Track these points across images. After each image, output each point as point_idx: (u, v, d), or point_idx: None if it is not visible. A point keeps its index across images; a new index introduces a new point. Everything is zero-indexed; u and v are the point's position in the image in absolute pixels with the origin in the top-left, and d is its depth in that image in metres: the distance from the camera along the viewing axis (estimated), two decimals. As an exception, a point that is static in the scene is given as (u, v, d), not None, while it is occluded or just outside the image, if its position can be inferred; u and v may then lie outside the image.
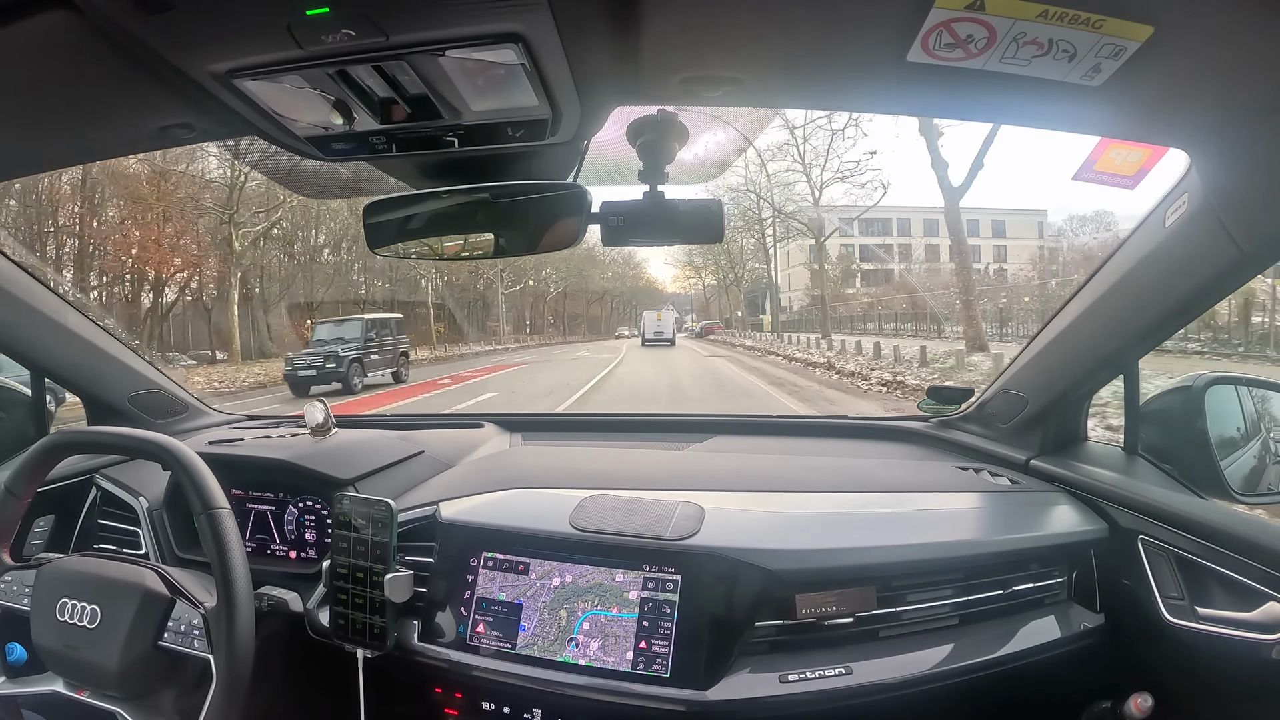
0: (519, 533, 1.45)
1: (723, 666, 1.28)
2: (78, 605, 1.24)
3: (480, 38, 0.83)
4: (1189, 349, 14.34)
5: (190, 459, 1.27)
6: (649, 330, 32.75)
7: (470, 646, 1.38)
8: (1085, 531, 1.47)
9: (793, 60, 0.95)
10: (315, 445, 1.77)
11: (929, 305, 30.98)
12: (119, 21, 0.81)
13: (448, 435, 2.11)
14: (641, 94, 1.06)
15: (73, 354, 1.91)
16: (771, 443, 2.16)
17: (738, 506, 1.52)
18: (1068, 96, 0.93)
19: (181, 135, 1.17)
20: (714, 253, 45.63)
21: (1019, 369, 1.75)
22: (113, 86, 0.99)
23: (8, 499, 1.35)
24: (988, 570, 1.41)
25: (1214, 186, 1.11)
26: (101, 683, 1.24)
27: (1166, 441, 1.53)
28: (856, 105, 1.16)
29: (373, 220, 1.32)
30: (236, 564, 1.20)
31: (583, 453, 2.09)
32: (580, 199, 1.21)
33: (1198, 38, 0.82)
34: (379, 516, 1.37)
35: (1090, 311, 1.47)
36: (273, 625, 1.44)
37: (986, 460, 1.82)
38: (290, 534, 1.70)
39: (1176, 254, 1.25)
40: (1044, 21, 0.79)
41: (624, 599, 1.34)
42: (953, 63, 0.87)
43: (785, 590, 1.32)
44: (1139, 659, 1.43)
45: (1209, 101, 0.95)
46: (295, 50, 0.85)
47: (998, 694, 1.37)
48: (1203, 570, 1.30)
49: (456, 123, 1.04)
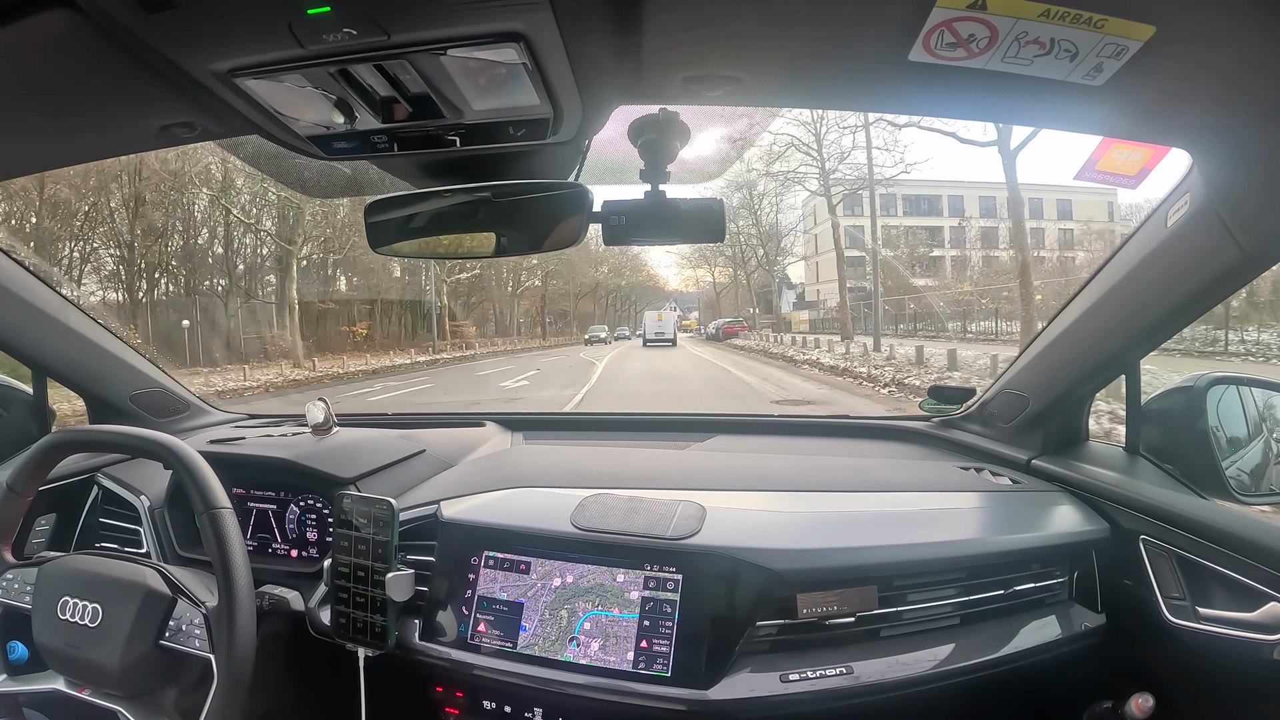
0: (520, 532, 1.45)
1: (724, 666, 1.28)
2: (79, 604, 1.24)
3: (481, 37, 0.83)
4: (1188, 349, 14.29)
5: (192, 459, 1.27)
6: (650, 330, 32.50)
7: (471, 645, 1.39)
8: (1086, 531, 1.47)
9: (795, 59, 0.95)
10: (317, 444, 1.77)
11: (983, 300, 28.84)
12: (120, 20, 0.81)
13: (449, 434, 2.11)
14: (643, 93, 1.06)
15: (74, 353, 1.91)
16: (773, 442, 2.17)
17: (739, 506, 1.52)
18: (1070, 96, 0.93)
19: (183, 134, 1.17)
20: (733, 239, 38.66)
21: (1020, 368, 1.75)
22: (114, 85, 0.99)
23: (9, 497, 1.36)
24: (989, 570, 1.41)
25: (1216, 186, 1.11)
26: (102, 681, 1.25)
27: (1168, 441, 1.53)
28: (858, 105, 1.17)
29: (374, 219, 1.32)
30: (238, 564, 1.21)
31: (584, 452, 2.10)
32: (582, 198, 1.21)
33: (1200, 38, 0.81)
34: (380, 515, 1.37)
35: (1092, 311, 1.47)
36: (274, 624, 1.44)
37: (988, 460, 1.82)
38: (292, 533, 1.70)
39: (1178, 254, 1.25)
40: (1046, 21, 0.79)
41: (625, 599, 1.34)
42: (954, 62, 0.87)
43: (786, 590, 1.32)
44: (1140, 659, 1.43)
45: (1211, 101, 0.95)
46: (296, 49, 0.85)
47: (999, 694, 1.37)
48: (1204, 570, 1.30)
49: (458, 122, 1.04)
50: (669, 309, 38.98)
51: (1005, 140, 16.63)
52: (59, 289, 1.84)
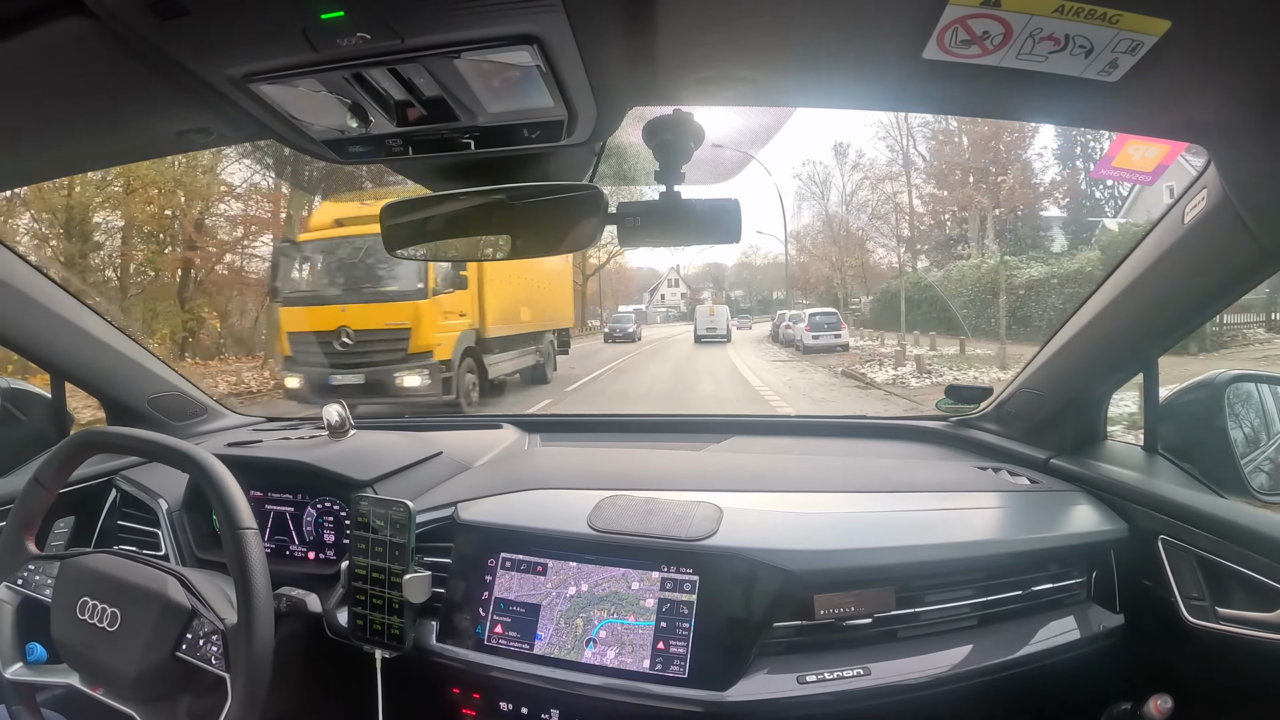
0: (537, 534, 1.46)
1: (741, 667, 1.28)
2: (98, 606, 1.24)
3: (495, 39, 0.84)
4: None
5: (222, 477, 1.26)
6: (702, 326, 32.17)
7: (488, 647, 1.39)
8: (1105, 531, 1.46)
9: (808, 59, 0.95)
10: (333, 447, 1.78)
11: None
12: (134, 27, 0.81)
13: (465, 436, 2.12)
14: (657, 94, 1.06)
15: (92, 357, 1.93)
16: (790, 443, 2.16)
17: (756, 507, 1.51)
18: (1085, 92, 0.92)
19: (199, 139, 1.18)
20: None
21: (1038, 367, 1.74)
22: (130, 91, 1.00)
23: (36, 489, 1.36)
24: (1007, 571, 1.40)
25: (1233, 182, 1.10)
26: (117, 685, 1.25)
27: (1186, 440, 1.52)
28: (872, 104, 1.16)
29: (390, 222, 1.33)
30: (259, 587, 1.20)
31: (601, 453, 2.10)
32: (597, 200, 1.21)
33: (1215, 31, 0.81)
34: (397, 518, 1.38)
35: (1110, 309, 1.46)
36: (291, 626, 1.45)
37: (1006, 459, 1.81)
38: (309, 535, 1.71)
39: (1195, 250, 1.24)
40: (1060, 17, 0.79)
41: (640, 607, 1.34)
42: (969, 59, 0.87)
43: (803, 591, 1.32)
44: (1159, 660, 1.42)
45: (1227, 96, 0.94)
46: (310, 54, 0.85)
47: (1016, 695, 1.37)
48: (1224, 570, 1.29)
49: (472, 124, 1.05)
50: (722, 305, 36.79)
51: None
52: (78, 295, 1.86)
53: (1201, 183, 1.17)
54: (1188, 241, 1.24)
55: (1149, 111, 1.01)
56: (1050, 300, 17.22)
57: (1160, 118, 1.04)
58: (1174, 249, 1.27)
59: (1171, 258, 1.29)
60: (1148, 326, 1.43)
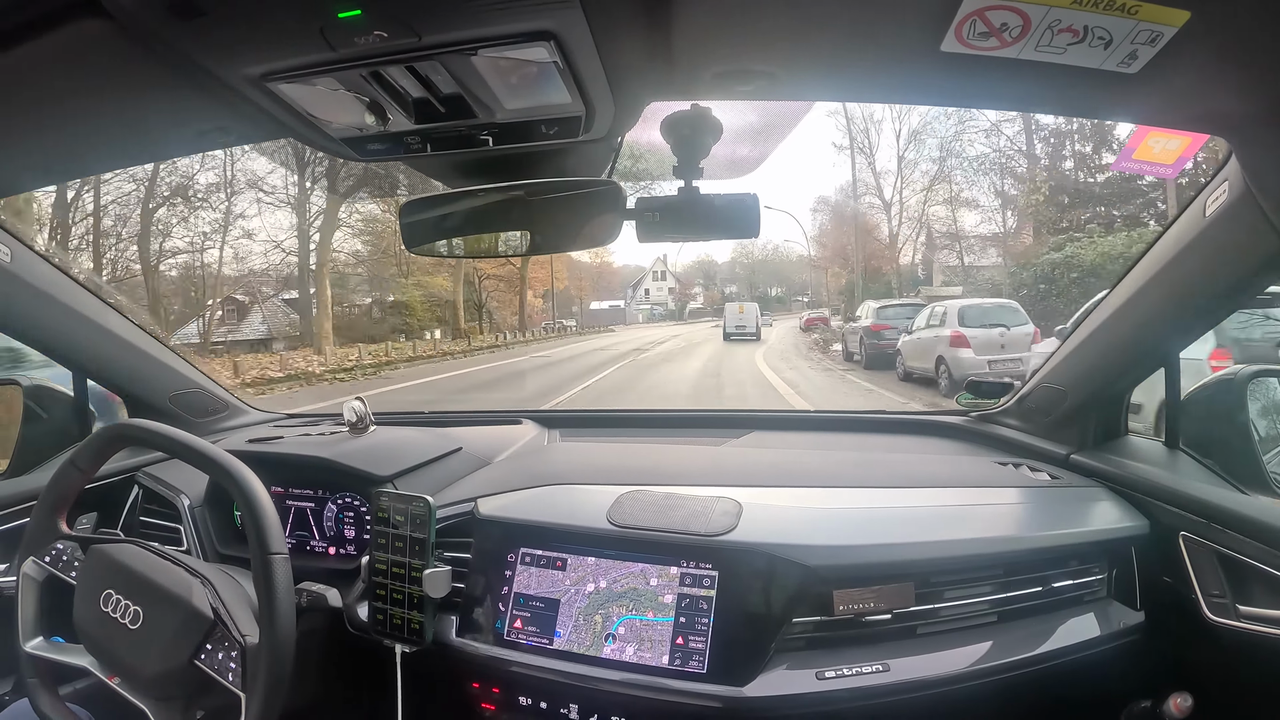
0: (556, 529, 1.46)
1: (759, 663, 1.28)
2: (122, 601, 1.25)
3: (512, 36, 0.84)
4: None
5: (258, 497, 1.23)
6: (731, 324, 32.16)
7: (508, 642, 1.40)
8: (1126, 528, 1.45)
9: (826, 53, 0.95)
10: (354, 442, 1.79)
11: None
12: (152, 28, 0.82)
13: (485, 432, 2.13)
14: (675, 89, 1.06)
15: (114, 355, 1.95)
16: (809, 438, 2.16)
17: (775, 502, 1.51)
18: (1104, 84, 0.92)
19: (218, 139, 1.20)
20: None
21: (1058, 362, 1.73)
22: (149, 92, 1.01)
23: (70, 470, 1.37)
24: (1027, 567, 1.40)
25: (1254, 174, 1.09)
26: (132, 680, 1.25)
27: (1208, 435, 1.51)
28: (890, 97, 1.15)
29: (409, 220, 1.33)
30: (283, 612, 1.19)
31: (620, 449, 2.10)
32: (615, 195, 1.22)
33: (1235, 21, 0.80)
34: (418, 513, 1.38)
35: (1131, 303, 1.45)
36: (312, 621, 1.46)
37: (1026, 455, 1.81)
38: (330, 530, 1.73)
39: (1217, 243, 1.23)
40: (1079, 8, 0.78)
41: (659, 603, 1.34)
42: (987, 52, 0.86)
43: (823, 586, 1.31)
44: (1179, 658, 1.41)
45: (1247, 87, 0.93)
46: (328, 53, 0.86)
47: (1036, 692, 1.36)
48: (1245, 567, 1.28)
49: (490, 121, 1.05)
50: (751, 303, 36.52)
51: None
52: (100, 294, 1.88)
53: (1223, 175, 1.16)
54: (1209, 234, 1.23)
55: (1169, 103, 1.00)
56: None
57: (1180, 109, 1.03)
58: (1195, 242, 1.26)
59: (1193, 251, 1.28)
60: (1169, 320, 1.42)
